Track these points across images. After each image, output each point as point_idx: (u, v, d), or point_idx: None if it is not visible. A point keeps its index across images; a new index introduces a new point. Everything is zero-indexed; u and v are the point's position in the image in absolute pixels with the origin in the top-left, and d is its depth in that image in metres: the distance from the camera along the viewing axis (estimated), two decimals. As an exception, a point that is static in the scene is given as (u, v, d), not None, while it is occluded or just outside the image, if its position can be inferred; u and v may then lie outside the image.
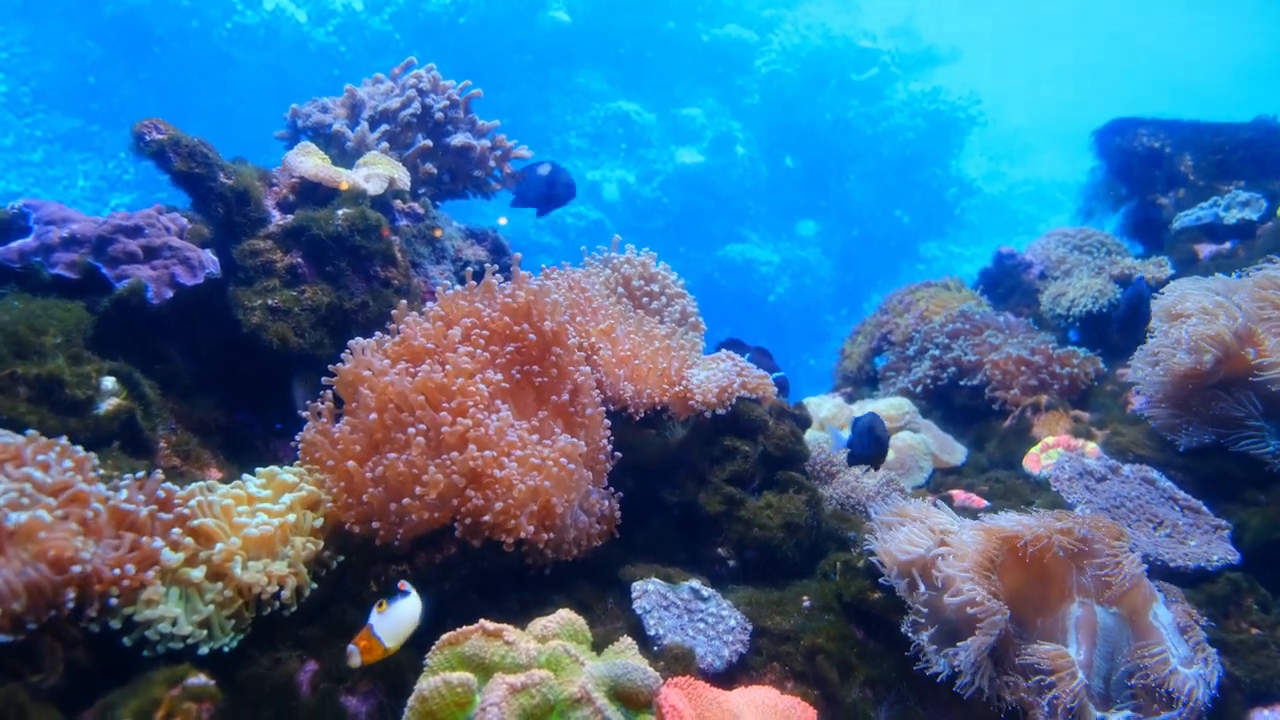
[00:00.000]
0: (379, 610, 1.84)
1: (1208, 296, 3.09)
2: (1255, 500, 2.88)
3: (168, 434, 2.48)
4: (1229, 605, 2.52)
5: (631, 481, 2.79)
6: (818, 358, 15.34)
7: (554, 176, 3.59)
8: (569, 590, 2.39)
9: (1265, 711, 2.23)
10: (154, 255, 2.64)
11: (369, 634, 1.81)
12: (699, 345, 3.14)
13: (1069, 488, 3.00)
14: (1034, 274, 5.00)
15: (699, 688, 1.92)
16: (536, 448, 2.31)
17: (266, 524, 2.04)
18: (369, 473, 2.20)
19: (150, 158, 2.75)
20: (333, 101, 3.63)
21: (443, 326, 2.50)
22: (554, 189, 3.65)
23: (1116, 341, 3.58)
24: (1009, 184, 22.94)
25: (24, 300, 2.38)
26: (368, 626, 1.82)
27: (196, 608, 1.86)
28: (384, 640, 1.82)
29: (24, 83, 13.65)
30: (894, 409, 3.89)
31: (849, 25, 18.25)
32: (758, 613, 2.36)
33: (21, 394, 2.12)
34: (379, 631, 1.82)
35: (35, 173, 13.45)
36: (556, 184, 3.64)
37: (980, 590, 2.05)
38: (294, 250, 2.84)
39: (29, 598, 1.60)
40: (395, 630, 1.84)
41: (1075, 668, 1.99)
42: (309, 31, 14.64)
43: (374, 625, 1.82)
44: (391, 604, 1.86)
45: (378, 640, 1.81)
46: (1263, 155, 4.66)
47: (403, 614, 1.86)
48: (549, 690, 1.67)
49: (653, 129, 16.19)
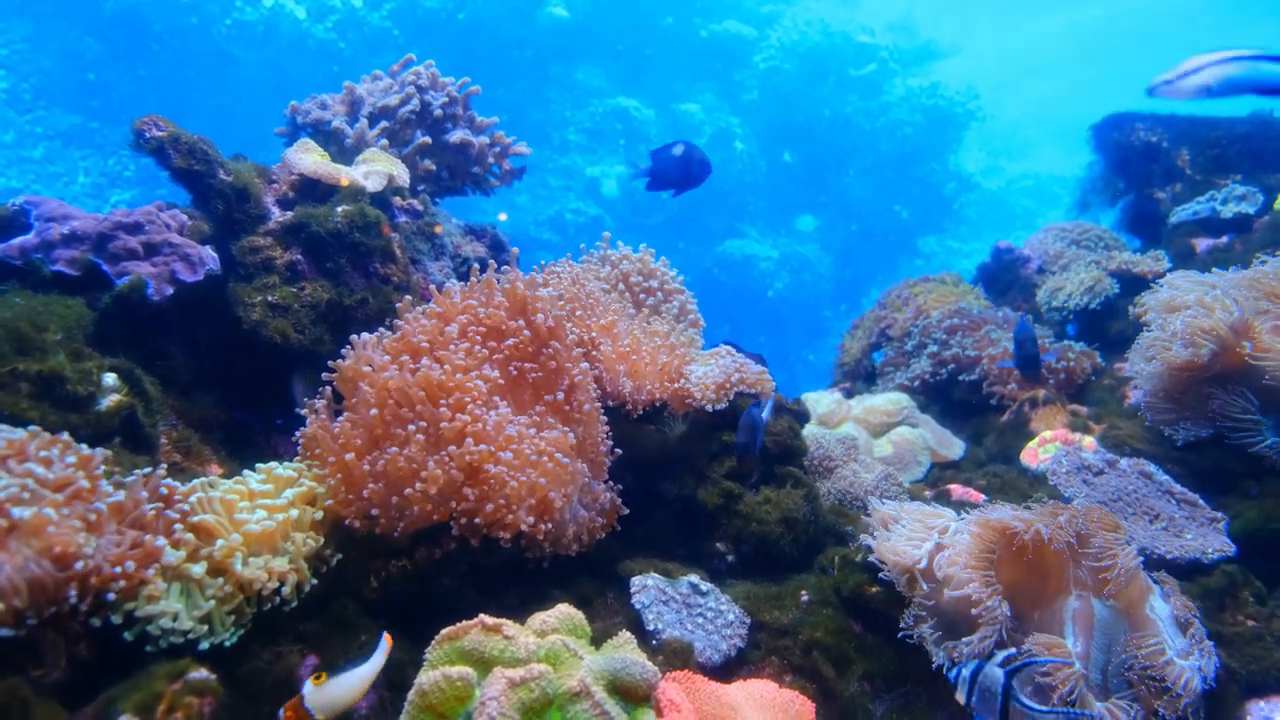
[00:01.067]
0: (315, 682, 1.71)
1: (1204, 290, 3.10)
2: (1251, 493, 2.89)
3: (168, 430, 2.49)
4: (1225, 597, 2.53)
5: (631, 477, 2.80)
6: (816, 353, 15.37)
7: (688, 155, 3.52)
8: (568, 585, 2.41)
9: (1261, 702, 2.24)
10: (154, 252, 2.64)
11: (299, 705, 1.70)
12: (698, 341, 3.15)
13: (1066, 481, 3.01)
14: (1032, 269, 5.01)
15: (697, 681, 1.94)
16: (532, 441, 2.32)
17: (267, 520, 2.05)
18: (369, 467, 2.21)
19: (150, 155, 2.76)
20: (332, 98, 3.63)
21: (439, 323, 2.51)
22: (689, 168, 3.57)
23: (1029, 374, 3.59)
24: (1007, 179, 22.95)
25: (25, 297, 2.39)
26: (299, 696, 1.71)
27: (197, 603, 1.87)
28: (313, 713, 1.70)
29: (24, 79, 13.65)
30: (892, 404, 3.90)
31: (847, 21, 18.24)
32: (756, 607, 2.37)
33: (23, 390, 2.13)
34: (309, 703, 1.70)
35: (36, 169, 13.46)
36: (691, 162, 3.56)
37: (980, 588, 2.06)
38: (294, 247, 2.85)
39: (31, 593, 1.61)
40: (330, 703, 1.72)
41: (1072, 658, 2.00)
42: (308, 28, 14.63)
43: (305, 696, 1.70)
44: (340, 671, 1.74)
45: (307, 713, 1.69)
46: (1259, 149, 4.66)
47: (344, 684, 1.74)
48: (548, 684, 1.68)
49: (651, 124, 16.19)
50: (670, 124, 16.27)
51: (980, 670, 1.90)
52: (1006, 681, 1.85)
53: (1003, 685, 1.85)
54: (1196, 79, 1.99)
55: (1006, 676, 1.85)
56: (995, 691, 1.86)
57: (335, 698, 1.73)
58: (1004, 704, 1.84)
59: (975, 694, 1.89)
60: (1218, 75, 1.95)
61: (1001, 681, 1.85)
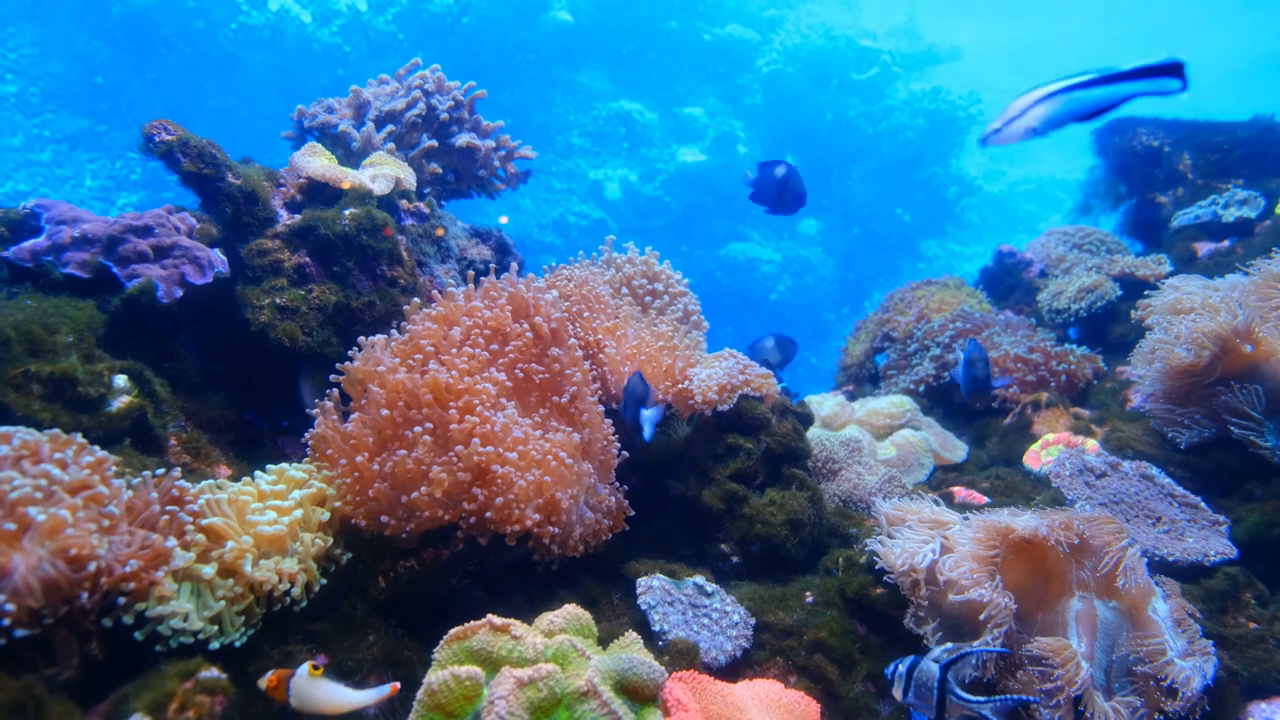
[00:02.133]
0: (313, 672, 1.74)
1: (1208, 293, 3.11)
2: (1253, 496, 2.90)
3: (178, 431, 2.51)
4: (1227, 600, 2.54)
5: (637, 478, 2.82)
6: (819, 356, 15.35)
7: (787, 180, 3.50)
8: (575, 586, 2.42)
9: (1263, 704, 2.25)
10: (164, 255, 2.67)
11: (284, 681, 1.74)
12: (702, 344, 3.16)
13: (1069, 484, 3.02)
14: (1034, 272, 5.02)
15: (703, 681, 1.95)
16: (538, 443, 2.33)
17: (278, 522, 2.07)
18: (378, 468, 2.23)
19: (159, 158, 2.78)
20: (338, 102, 3.66)
21: (444, 326, 2.53)
22: (784, 194, 3.58)
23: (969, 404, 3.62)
24: (1009, 183, 22.95)
25: (36, 299, 2.42)
26: (290, 673, 1.75)
27: (208, 604, 1.89)
28: (291, 695, 1.74)
29: (32, 83, 13.68)
30: (895, 406, 3.91)
31: (850, 25, 18.25)
32: (761, 608, 2.39)
33: (35, 391, 2.15)
34: (294, 686, 1.73)
35: (43, 172, 13.49)
36: (787, 190, 3.56)
37: (987, 591, 2.07)
38: (301, 250, 2.87)
39: (46, 593, 1.63)
40: (310, 698, 1.74)
41: (1078, 659, 2.02)
42: (314, 32, 14.66)
43: (295, 678, 1.74)
44: (330, 680, 1.76)
45: (285, 691, 1.74)
46: (1261, 154, 4.68)
47: (331, 693, 1.75)
48: (556, 684, 1.69)
49: (655, 128, 16.21)
50: (673, 127, 16.29)
51: (916, 666, 1.94)
52: (942, 675, 1.88)
53: (938, 680, 1.88)
54: (1021, 123, 1.99)
55: (942, 670, 1.88)
56: (931, 686, 1.89)
57: (317, 699, 1.74)
58: (940, 699, 1.87)
59: (911, 690, 1.92)
60: (1039, 116, 1.96)
61: (937, 676, 1.88)
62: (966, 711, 1.86)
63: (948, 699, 1.87)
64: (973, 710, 1.86)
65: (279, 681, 1.75)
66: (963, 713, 1.86)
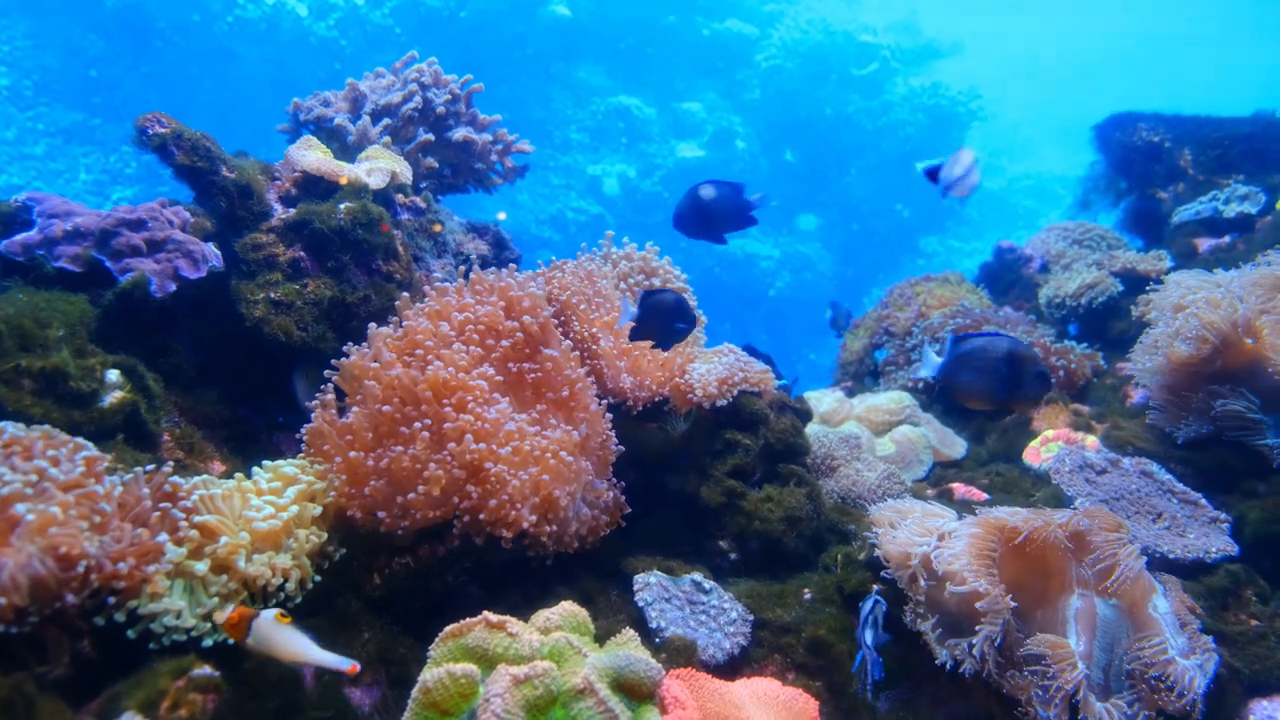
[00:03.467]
0: (279, 619, 1.71)
1: (1210, 287, 3.10)
2: (1254, 492, 2.89)
3: (171, 427, 2.49)
4: (1227, 597, 2.53)
5: (634, 474, 2.80)
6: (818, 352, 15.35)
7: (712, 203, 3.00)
8: (571, 582, 2.41)
9: (1264, 702, 2.24)
10: (157, 249, 2.64)
11: (245, 620, 1.71)
12: (700, 339, 3.15)
13: (1069, 480, 3.01)
14: (1034, 268, 5.01)
15: (701, 679, 1.93)
16: (535, 439, 2.32)
17: (274, 518, 2.05)
18: (373, 464, 2.21)
19: (153, 151, 2.76)
20: (334, 95, 3.63)
21: (435, 322, 2.51)
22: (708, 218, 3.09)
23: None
24: (1009, 178, 22.95)
25: (28, 293, 2.39)
26: (255, 613, 1.72)
27: (201, 601, 1.88)
28: (251, 633, 1.71)
29: (26, 76, 13.65)
30: (894, 403, 3.90)
31: (849, 20, 18.23)
32: (759, 605, 2.37)
33: (26, 386, 2.13)
34: (255, 627, 1.71)
35: (37, 166, 13.46)
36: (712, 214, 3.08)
37: (985, 583, 2.06)
38: (296, 244, 2.85)
39: (34, 591, 1.61)
40: (268, 641, 1.71)
41: (1075, 658, 2.00)
42: (310, 25, 14.64)
43: (259, 618, 1.72)
44: (296, 631, 1.72)
45: (246, 630, 1.71)
46: (1262, 149, 4.66)
47: (292, 641, 1.71)
48: (552, 681, 1.68)
49: (653, 123, 16.20)
50: (672, 123, 16.27)
51: (877, 606, 2.10)
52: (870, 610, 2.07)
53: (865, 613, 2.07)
54: None
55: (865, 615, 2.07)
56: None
57: (276, 643, 1.71)
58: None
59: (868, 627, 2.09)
60: None
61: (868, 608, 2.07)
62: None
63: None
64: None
65: (240, 619, 1.72)
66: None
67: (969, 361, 2.38)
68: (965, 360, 2.39)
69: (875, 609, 2.09)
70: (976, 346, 2.38)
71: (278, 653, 1.72)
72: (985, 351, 2.37)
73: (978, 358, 2.37)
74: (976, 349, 2.38)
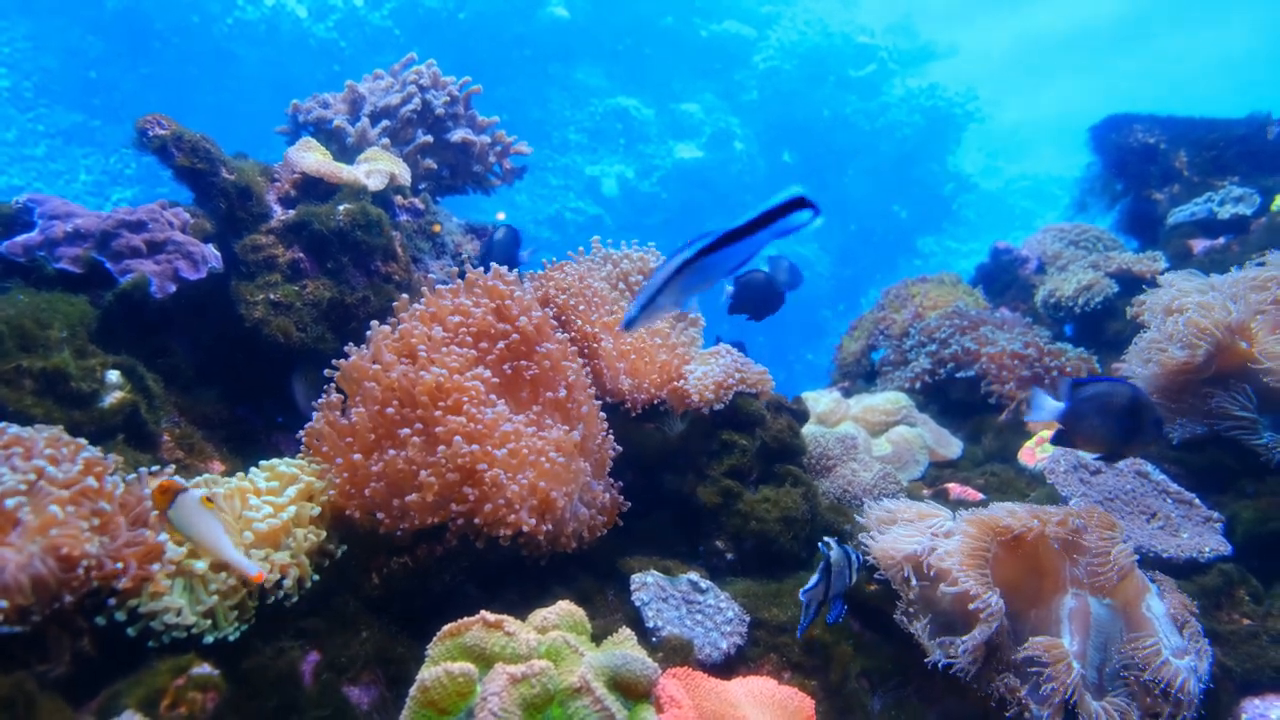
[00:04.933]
0: (206, 502, 1.80)
1: (1203, 291, 3.11)
2: (1248, 492, 2.90)
3: (171, 427, 2.50)
4: (1221, 596, 2.54)
5: (632, 474, 2.81)
6: (815, 353, 15.40)
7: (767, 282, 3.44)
8: (568, 582, 2.42)
9: (1256, 700, 2.25)
10: (157, 250, 2.66)
11: (172, 489, 1.79)
12: (698, 340, 3.16)
13: (1064, 480, 3.02)
14: (1030, 269, 5.03)
15: (697, 678, 1.95)
16: (532, 440, 2.33)
17: (273, 517, 2.07)
18: (373, 466, 2.22)
19: (153, 153, 2.77)
20: (333, 97, 3.65)
21: (429, 324, 2.52)
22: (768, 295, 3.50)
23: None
24: (1006, 180, 23.00)
25: (29, 294, 2.41)
26: (184, 489, 1.80)
27: (201, 598, 1.89)
28: (174, 505, 1.79)
29: (26, 77, 13.65)
30: (891, 403, 3.92)
31: (847, 21, 18.28)
32: (755, 604, 2.38)
33: (27, 387, 2.14)
34: (182, 500, 1.79)
35: (37, 167, 13.46)
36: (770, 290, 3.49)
37: (977, 584, 2.07)
38: (295, 245, 2.86)
39: (35, 590, 1.62)
40: (185, 522, 1.79)
41: (1070, 658, 2.02)
42: (309, 27, 14.65)
43: (186, 493, 1.80)
44: (216, 521, 1.81)
45: (170, 502, 1.79)
46: (1256, 151, 4.68)
47: (207, 526, 1.80)
48: (549, 680, 1.69)
49: (651, 124, 16.21)
50: (670, 124, 16.28)
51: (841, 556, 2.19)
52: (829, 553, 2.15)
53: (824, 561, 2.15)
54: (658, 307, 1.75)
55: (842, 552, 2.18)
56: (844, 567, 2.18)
57: (194, 525, 1.80)
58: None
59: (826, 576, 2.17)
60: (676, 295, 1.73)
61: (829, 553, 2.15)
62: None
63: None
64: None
65: (168, 489, 1.78)
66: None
67: (1091, 407, 2.42)
68: (1087, 406, 2.42)
69: (844, 557, 2.18)
70: (1099, 393, 2.42)
71: (193, 536, 1.80)
72: (1108, 399, 2.40)
73: (1100, 404, 2.41)
74: (1100, 395, 2.41)
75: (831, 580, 2.15)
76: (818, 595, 2.15)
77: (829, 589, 2.15)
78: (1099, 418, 2.41)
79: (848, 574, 2.19)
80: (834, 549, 2.17)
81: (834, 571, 2.15)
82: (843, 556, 2.19)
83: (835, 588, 2.16)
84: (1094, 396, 2.41)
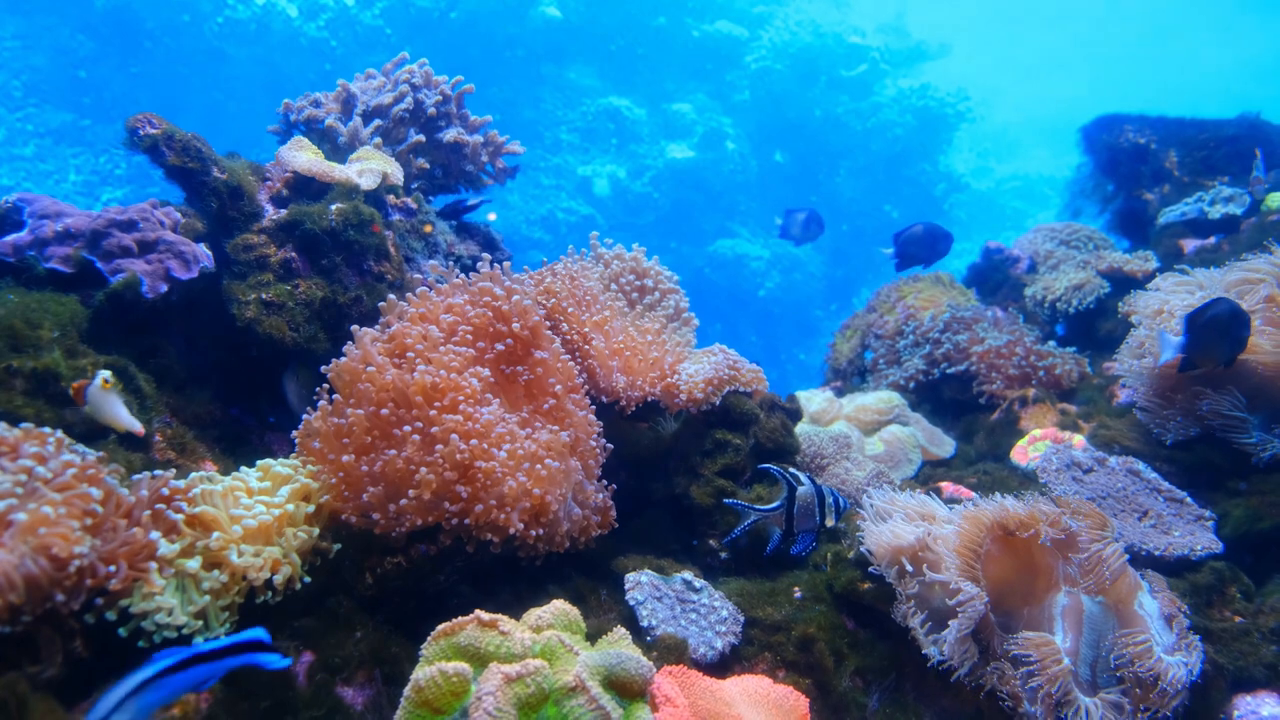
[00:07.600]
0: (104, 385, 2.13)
1: (1191, 292, 3.13)
2: (1238, 491, 2.92)
3: (163, 427, 2.49)
4: (1212, 594, 2.55)
5: (625, 474, 2.81)
6: (808, 352, 15.40)
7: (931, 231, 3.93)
8: (563, 581, 2.42)
9: (1247, 697, 2.26)
10: (148, 249, 2.64)
11: (82, 386, 2.13)
12: (691, 340, 3.16)
13: (1056, 479, 3.03)
14: (1022, 268, 5.04)
15: (692, 676, 1.95)
16: (524, 441, 2.32)
17: (265, 515, 2.06)
18: (367, 467, 2.22)
19: (144, 152, 2.76)
20: (325, 96, 3.63)
21: (423, 325, 2.51)
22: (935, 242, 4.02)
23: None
24: (997, 180, 23.02)
25: (19, 294, 2.39)
26: (102, 378, 2.12)
27: (193, 598, 1.88)
28: (87, 400, 2.12)
29: (15, 76, 13.58)
30: (883, 402, 3.92)
31: (839, 22, 18.30)
32: (749, 603, 2.39)
33: (17, 387, 2.13)
34: (89, 391, 2.12)
35: (26, 167, 13.39)
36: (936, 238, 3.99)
37: (953, 572, 2.08)
38: (288, 245, 2.85)
39: (27, 590, 1.61)
40: (99, 408, 2.13)
41: (1060, 654, 2.02)
42: (300, 26, 14.60)
43: (92, 384, 2.12)
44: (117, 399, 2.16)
45: (83, 396, 2.12)
46: (1247, 151, 4.69)
47: (110, 407, 2.14)
48: (544, 679, 1.69)
49: (643, 124, 16.20)
50: (662, 124, 16.27)
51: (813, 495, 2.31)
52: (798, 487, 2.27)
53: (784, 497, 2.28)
54: None
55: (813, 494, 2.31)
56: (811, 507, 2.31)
57: (100, 405, 2.14)
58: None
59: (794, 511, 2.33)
60: None
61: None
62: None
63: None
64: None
65: (79, 387, 2.13)
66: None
67: (1208, 331, 2.86)
68: (1204, 331, 2.87)
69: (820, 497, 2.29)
70: (1213, 316, 2.84)
71: (100, 414, 2.14)
72: (1216, 317, 2.84)
73: (1214, 324, 2.84)
74: (1212, 318, 2.85)
75: (796, 513, 2.19)
76: (775, 519, 2.19)
77: (792, 520, 2.19)
78: (1215, 335, 2.84)
79: (817, 512, 2.23)
80: (804, 483, 2.19)
81: (799, 505, 2.18)
82: (813, 493, 2.21)
83: (802, 524, 2.20)
84: (1209, 321, 2.83)
